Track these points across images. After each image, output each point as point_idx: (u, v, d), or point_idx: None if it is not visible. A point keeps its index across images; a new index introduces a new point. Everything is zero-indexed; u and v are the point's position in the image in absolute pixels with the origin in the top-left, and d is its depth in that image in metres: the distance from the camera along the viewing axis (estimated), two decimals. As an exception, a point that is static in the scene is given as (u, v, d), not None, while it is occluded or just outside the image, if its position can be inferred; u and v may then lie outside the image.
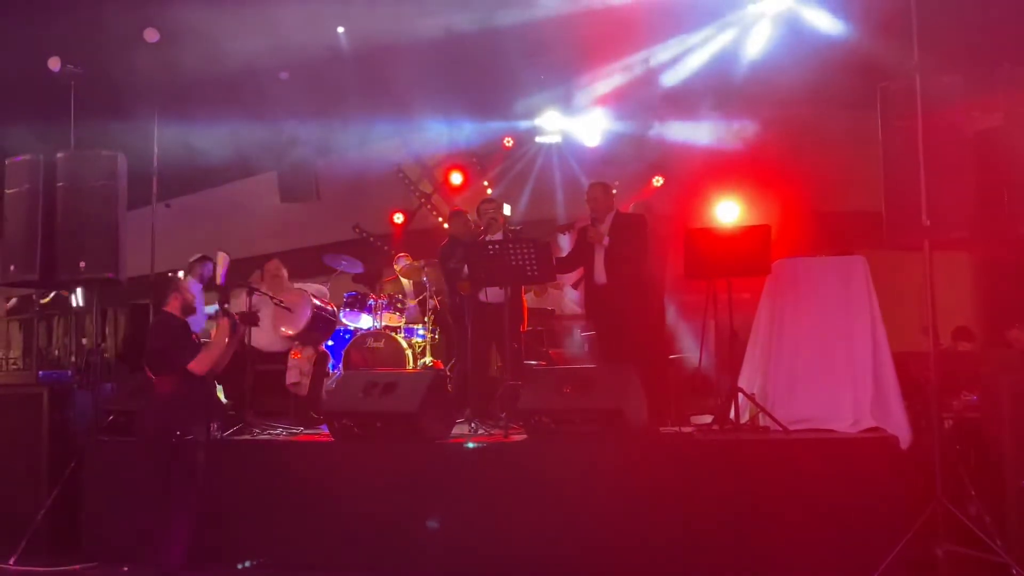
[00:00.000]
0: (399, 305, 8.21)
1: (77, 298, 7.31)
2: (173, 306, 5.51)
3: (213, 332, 5.95)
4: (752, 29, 8.62)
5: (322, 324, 7.03)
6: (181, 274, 7.37)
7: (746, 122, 9.22)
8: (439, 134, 10.23)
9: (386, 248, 10.84)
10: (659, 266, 6.86)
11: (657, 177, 10.20)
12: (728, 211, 9.14)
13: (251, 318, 5.92)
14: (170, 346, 5.38)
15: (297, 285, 7.27)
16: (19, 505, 6.10)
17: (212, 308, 9.93)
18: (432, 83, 8.96)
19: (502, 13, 8.05)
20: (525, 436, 5.61)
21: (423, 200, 11.28)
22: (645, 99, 9.49)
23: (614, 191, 6.77)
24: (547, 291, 8.64)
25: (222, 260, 5.72)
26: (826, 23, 8.11)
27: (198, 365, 5.35)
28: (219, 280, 5.79)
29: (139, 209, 7.10)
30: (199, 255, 7.74)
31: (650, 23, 8.39)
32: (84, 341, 7.94)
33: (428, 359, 8.02)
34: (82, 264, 6.26)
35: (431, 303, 8.14)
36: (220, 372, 5.77)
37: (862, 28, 7.74)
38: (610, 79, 9.37)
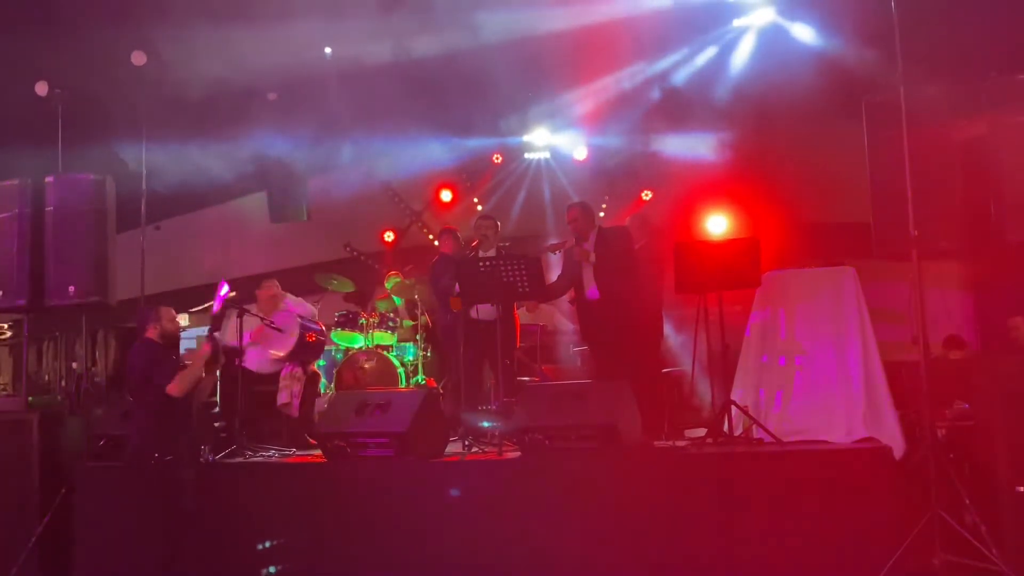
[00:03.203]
0: (390, 323, 8.20)
1: None
2: (152, 333, 5.51)
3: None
4: (737, 43, 8.69)
5: (312, 344, 7.00)
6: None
7: (733, 135, 9.27)
8: (428, 152, 10.25)
9: (376, 266, 10.84)
10: (656, 279, 6.88)
11: (646, 191, 10.25)
12: (717, 224, 9.17)
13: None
14: (147, 368, 5.38)
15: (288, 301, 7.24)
16: (10, 532, 6.03)
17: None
18: (420, 101, 8.99)
19: (489, 31, 8.09)
20: (519, 453, 5.60)
21: (413, 218, 11.29)
22: (632, 114, 9.54)
23: (603, 207, 6.81)
24: (539, 307, 8.64)
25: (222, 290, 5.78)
26: (810, 36, 8.18)
27: (174, 387, 5.34)
28: (213, 308, 5.81)
29: (129, 231, 7.08)
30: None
31: (636, 39, 8.44)
32: (74, 365, 7.89)
33: (420, 377, 8.00)
34: (71, 288, 6.23)
35: (422, 320, 8.12)
36: (208, 396, 5.75)
37: (846, 41, 7.81)
38: (597, 95, 9.42)
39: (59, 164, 6.60)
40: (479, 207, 10.61)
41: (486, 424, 5.97)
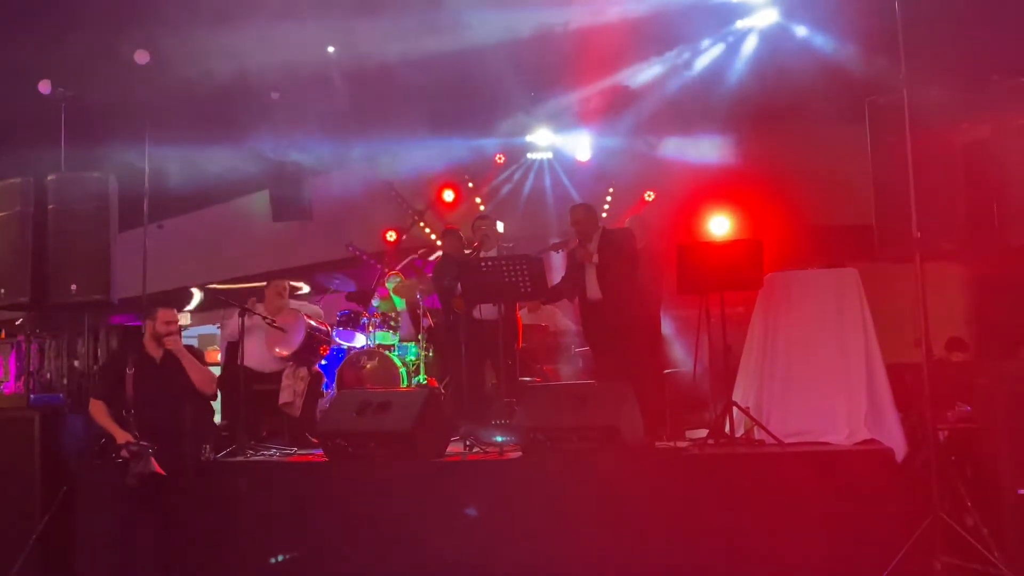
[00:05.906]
0: (392, 323, 8.20)
1: None
2: (147, 337, 5.54)
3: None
4: (741, 44, 8.69)
5: (316, 344, 7.01)
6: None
7: (736, 136, 9.27)
8: (431, 151, 10.26)
9: (379, 266, 10.84)
10: (655, 280, 6.88)
11: (648, 192, 10.25)
12: (720, 225, 9.17)
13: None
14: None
15: (291, 305, 7.25)
16: (11, 530, 6.03)
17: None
18: (423, 100, 9.00)
19: (492, 32, 8.09)
20: (520, 453, 5.60)
21: (415, 218, 11.30)
22: (635, 115, 9.54)
23: (606, 205, 6.82)
24: (541, 307, 8.64)
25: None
26: (814, 38, 8.18)
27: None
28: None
29: (131, 230, 7.09)
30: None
31: (640, 39, 8.45)
32: (76, 364, 7.89)
33: (422, 377, 8.00)
34: (73, 287, 6.23)
35: (425, 321, 8.13)
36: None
37: (849, 43, 7.81)
38: (600, 95, 9.42)
39: (62, 163, 6.61)
40: (481, 207, 10.62)
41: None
